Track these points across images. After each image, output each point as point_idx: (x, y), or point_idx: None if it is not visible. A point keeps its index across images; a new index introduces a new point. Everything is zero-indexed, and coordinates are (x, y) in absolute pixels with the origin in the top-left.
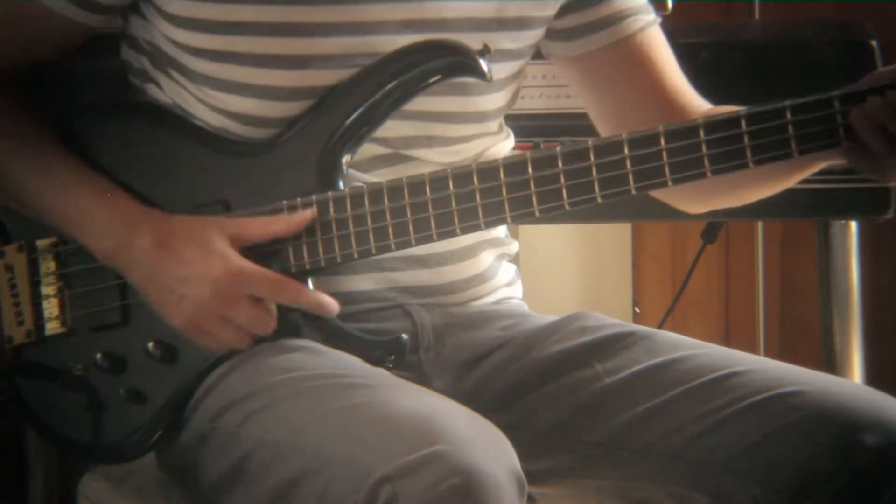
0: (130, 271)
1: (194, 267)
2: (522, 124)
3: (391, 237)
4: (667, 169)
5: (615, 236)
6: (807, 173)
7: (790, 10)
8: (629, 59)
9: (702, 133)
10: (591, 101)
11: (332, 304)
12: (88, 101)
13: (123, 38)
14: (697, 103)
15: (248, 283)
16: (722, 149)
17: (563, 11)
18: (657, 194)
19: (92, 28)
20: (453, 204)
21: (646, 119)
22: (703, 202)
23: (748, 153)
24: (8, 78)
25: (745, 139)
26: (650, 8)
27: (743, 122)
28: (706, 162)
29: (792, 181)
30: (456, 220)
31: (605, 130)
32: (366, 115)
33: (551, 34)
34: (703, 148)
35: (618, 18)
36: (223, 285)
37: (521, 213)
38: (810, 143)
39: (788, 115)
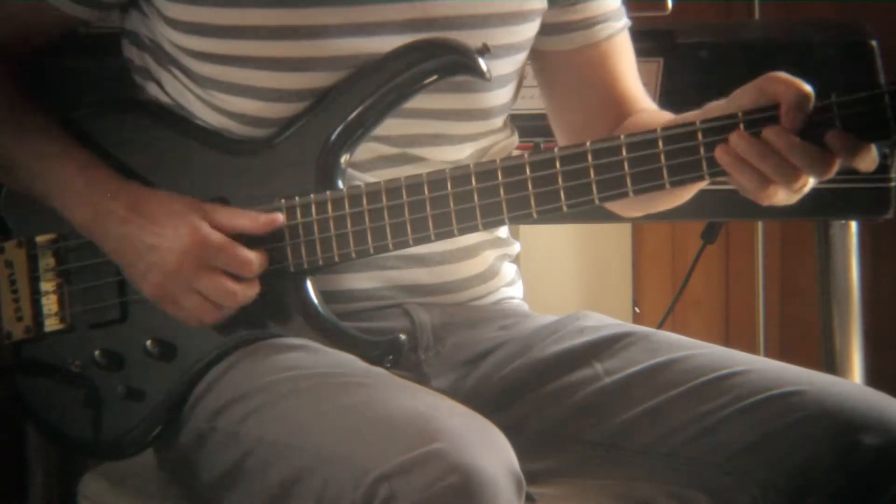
0: (105, 240)
1: (164, 235)
2: (522, 124)
3: (389, 237)
4: (665, 171)
5: (615, 236)
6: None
7: (790, 10)
8: (587, 65)
9: (700, 136)
10: (544, 94)
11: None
12: (89, 100)
13: (125, 35)
14: (645, 107)
15: (213, 254)
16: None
17: (551, 5)
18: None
19: (84, 21)
20: (451, 204)
21: (586, 121)
22: (640, 207)
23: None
24: None
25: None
26: (622, 12)
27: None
28: (704, 165)
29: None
30: (454, 220)
31: (553, 124)
32: (364, 114)
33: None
34: (702, 150)
35: (587, 25)
36: (189, 253)
37: (519, 215)
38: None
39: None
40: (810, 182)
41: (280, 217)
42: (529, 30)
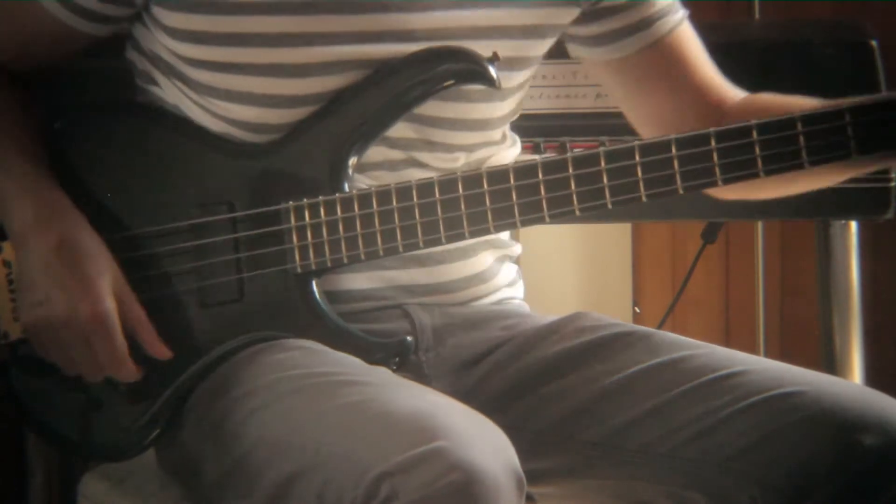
0: (22, 250)
1: (70, 288)
2: (523, 124)
3: (399, 239)
4: (678, 176)
5: (615, 236)
6: (855, 173)
7: (790, 10)
8: (661, 61)
9: (715, 141)
10: (626, 102)
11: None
12: (92, 101)
13: (128, 38)
14: (732, 94)
15: (95, 337)
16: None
17: (590, 18)
18: None
19: (89, 35)
20: (462, 207)
21: (682, 116)
22: (748, 194)
23: (758, 163)
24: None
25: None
26: (678, 5)
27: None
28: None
29: (841, 178)
30: (465, 223)
31: (643, 130)
32: (377, 117)
33: (581, 40)
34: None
35: (648, 23)
36: (77, 320)
37: (531, 218)
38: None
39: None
40: None
41: (168, 353)
42: (535, 46)
